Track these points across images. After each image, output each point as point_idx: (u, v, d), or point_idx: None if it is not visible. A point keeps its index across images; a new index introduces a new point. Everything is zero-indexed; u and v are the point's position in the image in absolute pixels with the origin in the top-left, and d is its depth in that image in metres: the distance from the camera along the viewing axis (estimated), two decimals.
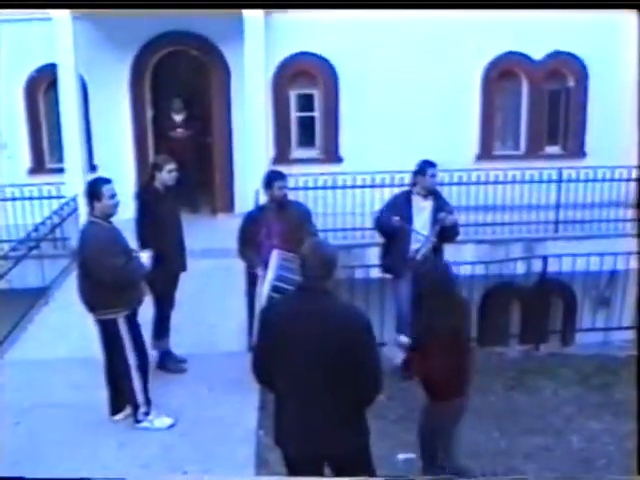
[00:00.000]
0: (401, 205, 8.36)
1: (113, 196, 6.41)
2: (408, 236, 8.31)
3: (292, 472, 4.82)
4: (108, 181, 6.53)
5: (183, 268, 7.94)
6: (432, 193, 8.41)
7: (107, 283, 6.32)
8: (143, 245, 7.19)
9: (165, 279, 7.63)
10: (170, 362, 7.98)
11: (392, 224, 8.15)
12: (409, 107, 12.47)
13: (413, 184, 8.51)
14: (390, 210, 8.36)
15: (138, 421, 6.71)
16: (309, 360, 4.41)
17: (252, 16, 11.20)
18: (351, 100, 12.84)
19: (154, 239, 7.19)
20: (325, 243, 4.95)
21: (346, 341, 4.36)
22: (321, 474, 4.78)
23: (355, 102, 12.80)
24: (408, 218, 8.23)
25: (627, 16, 11.67)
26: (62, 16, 11.10)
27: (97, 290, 6.41)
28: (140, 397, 6.66)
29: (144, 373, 6.68)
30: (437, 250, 8.29)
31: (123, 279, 6.39)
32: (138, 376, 6.61)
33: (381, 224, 8.44)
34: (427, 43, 12.22)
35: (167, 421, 6.74)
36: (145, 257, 6.68)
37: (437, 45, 12.25)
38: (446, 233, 8.26)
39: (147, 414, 6.71)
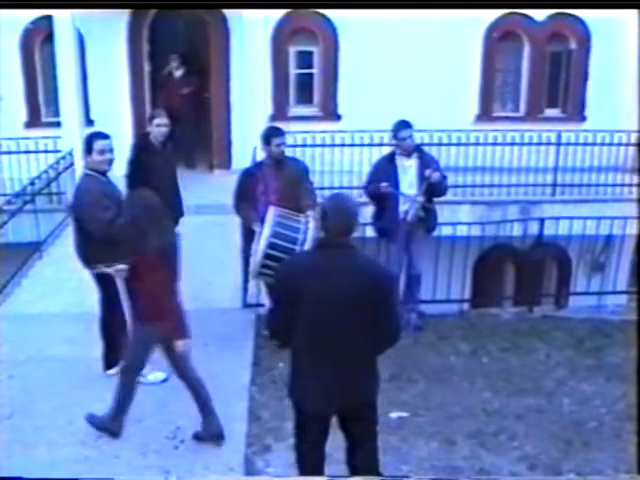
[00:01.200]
0: (385, 168, 8.24)
1: (103, 152, 6.36)
2: (396, 199, 8.23)
3: (302, 426, 4.85)
4: (105, 136, 6.49)
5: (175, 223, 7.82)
6: (416, 151, 8.29)
7: (97, 237, 6.29)
8: None
9: None
10: None
11: (381, 191, 8.06)
12: (409, 66, 12.37)
13: (395, 145, 8.40)
14: (375, 175, 8.26)
15: None
16: (333, 315, 4.42)
17: None
18: (351, 58, 12.75)
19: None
20: (347, 198, 4.85)
21: (371, 295, 4.38)
22: (328, 428, 4.82)
23: (355, 60, 12.71)
24: (394, 180, 8.12)
25: None
26: None
27: (90, 244, 6.38)
28: None
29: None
30: (427, 208, 8.19)
31: (112, 234, 6.25)
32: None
33: (370, 193, 8.35)
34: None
35: (160, 376, 6.73)
36: None
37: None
38: (433, 190, 8.16)
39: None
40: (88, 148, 6.38)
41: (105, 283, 6.51)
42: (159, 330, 5.71)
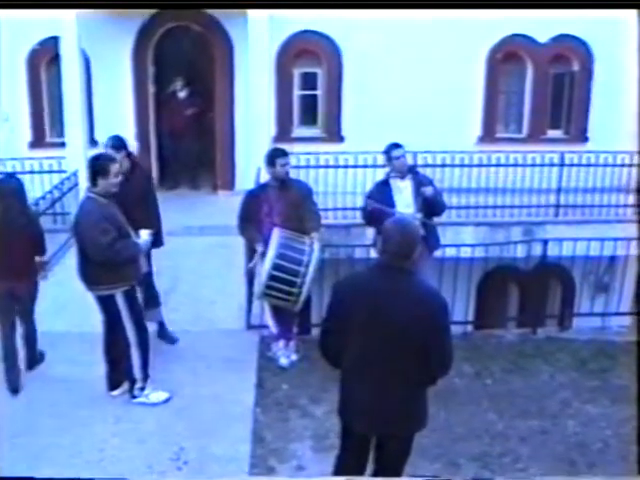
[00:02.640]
0: (380, 191, 8.22)
1: (118, 174, 6.38)
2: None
3: (346, 444, 4.90)
4: (113, 160, 6.51)
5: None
6: (410, 172, 8.28)
7: (97, 260, 6.30)
8: None
9: None
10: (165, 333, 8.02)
11: (369, 209, 8.03)
12: (412, 88, 12.43)
13: (388, 165, 8.40)
14: (371, 198, 8.22)
15: (134, 396, 6.72)
16: (385, 338, 4.41)
17: None
18: (354, 80, 12.80)
19: None
20: (409, 221, 4.85)
21: (425, 321, 4.37)
22: (369, 451, 4.87)
23: (358, 82, 12.76)
24: (389, 201, 8.08)
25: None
26: None
27: (92, 266, 6.38)
28: (138, 373, 6.68)
29: (144, 349, 6.67)
30: (427, 226, 8.12)
31: (110, 257, 6.29)
32: (138, 352, 6.61)
33: (365, 216, 8.32)
34: (432, 23, 12.13)
35: (163, 395, 6.76)
36: (144, 235, 6.66)
37: (442, 26, 12.16)
38: (430, 206, 8.12)
39: (143, 389, 6.72)
40: (103, 171, 6.27)
41: (107, 305, 6.52)
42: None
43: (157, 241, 7.55)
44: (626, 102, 12.53)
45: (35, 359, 7.45)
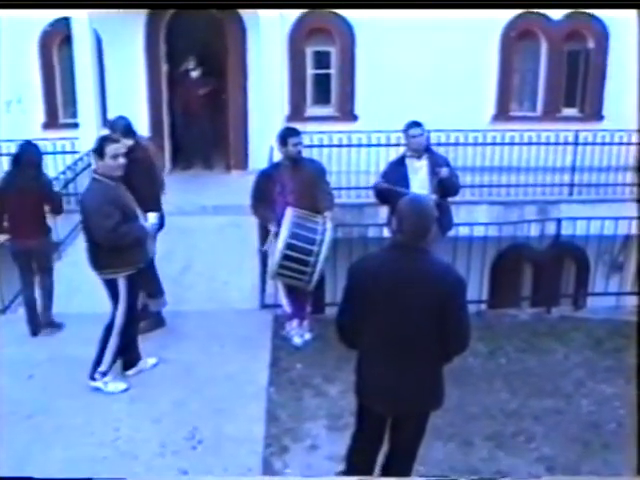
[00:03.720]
0: (395, 170, 8.16)
1: (116, 156, 6.30)
2: None
3: (363, 425, 4.92)
4: (116, 140, 6.49)
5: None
6: (426, 152, 8.20)
7: (101, 244, 6.29)
8: None
9: None
10: (150, 320, 7.88)
11: (379, 188, 7.97)
12: (426, 66, 12.37)
13: (405, 145, 8.34)
14: (385, 177, 8.13)
15: (93, 379, 6.62)
16: (402, 317, 4.41)
17: None
18: (368, 58, 12.74)
19: None
20: (424, 200, 4.82)
21: (443, 299, 4.36)
22: (384, 431, 4.88)
23: (371, 60, 12.71)
24: (404, 180, 8.02)
25: None
26: None
27: (96, 249, 6.38)
28: (108, 357, 6.59)
29: (122, 338, 6.59)
30: (441, 207, 8.03)
31: (114, 241, 6.26)
32: (116, 339, 6.55)
33: (376, 193, 8.26)
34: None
35: (121, 386, 6.67)
36: (151, 218, 6.65)
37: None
38: (445, 188, 8.06)
39: (104, 374, 6.61)
40: (100, 152, 6.29)
41: (110, 288, 6.52)
42: None
43: (160, 224, 7.53)
44: None
45: (51, 309, 8.04)
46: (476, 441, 6.26)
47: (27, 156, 7.71)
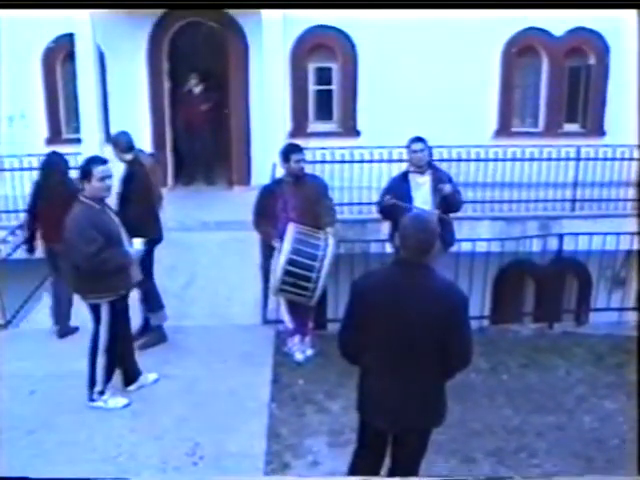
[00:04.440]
0: (398, 185, 8.16)
1: (103, 179, 6.16)
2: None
3: (365, 441, 4.91)
4: (103, 161, 6.33)
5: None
6: (429, 168, 8.21)
7: (81, 269, 6.21)
8: None
9: None
10: (151, 335, 7.92)
11: (386, 204, 7.97)
12: (428, 82, 12.39)
13: (408, 160, 8.35)
14: (388, 192, 8.14)
15: (92, 400, 6.60)
16: (405, 333, 4.40)
17: None
18: (369, 74, 12.77)
19: None
20: (427, 216, 4.86)
21: (446, 316, 4.36)
22: (386, 447, 4.88)
23: (373, 76, 12.74)
24: (407, 196, 8.03)
25: None
26: None
27: (78, 274, 6.30)
28: (100, 377, 6.57)
29: (111, 357, 6.55)
30: (443, 222, 8.03)
31: (96, 266, 6.13)
32: (104, 358, 6.50)
33: (381, 209, 8.26)
34: (447, 17, 12.07)
35: (122, 401, 6.66)
36: (137, 244, 6.51)
37: (457, 19, 12.10)
38: (447, 203, 8.06)
39: (102, 393, 6.60)
40: (87, 175, 6.15)
41: (93, 312, 6.45)
42: None
43: (158, 238, 7.63)
44: None
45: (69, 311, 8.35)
46: (478, 457, 6.26)
47: (53, 164, 8.39)
